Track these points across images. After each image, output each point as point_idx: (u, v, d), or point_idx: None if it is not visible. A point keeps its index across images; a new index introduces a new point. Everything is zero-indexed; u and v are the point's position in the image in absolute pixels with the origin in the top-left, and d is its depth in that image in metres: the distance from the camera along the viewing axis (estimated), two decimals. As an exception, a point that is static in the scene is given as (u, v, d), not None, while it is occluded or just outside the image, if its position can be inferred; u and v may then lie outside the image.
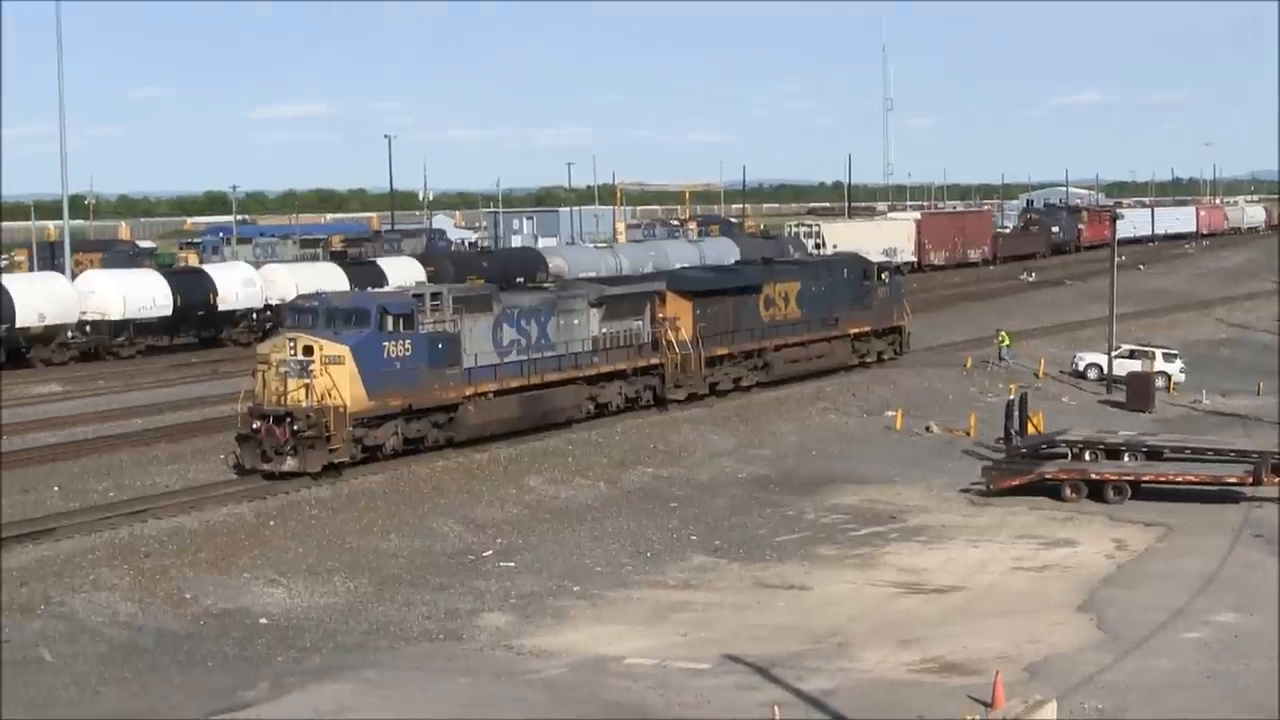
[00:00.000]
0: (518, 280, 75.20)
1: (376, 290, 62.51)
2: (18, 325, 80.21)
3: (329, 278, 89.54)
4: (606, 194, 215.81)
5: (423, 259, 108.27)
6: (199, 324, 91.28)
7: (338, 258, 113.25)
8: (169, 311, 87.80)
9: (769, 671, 33.93)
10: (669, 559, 45.77)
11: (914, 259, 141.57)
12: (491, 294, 57.47)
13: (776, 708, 28.99)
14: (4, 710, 31.83)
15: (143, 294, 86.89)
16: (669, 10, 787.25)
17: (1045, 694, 30.32)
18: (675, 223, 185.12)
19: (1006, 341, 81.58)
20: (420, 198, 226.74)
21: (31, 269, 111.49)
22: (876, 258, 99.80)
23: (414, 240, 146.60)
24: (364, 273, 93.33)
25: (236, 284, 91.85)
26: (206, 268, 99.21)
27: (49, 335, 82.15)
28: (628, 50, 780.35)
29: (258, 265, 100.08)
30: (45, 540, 42.16)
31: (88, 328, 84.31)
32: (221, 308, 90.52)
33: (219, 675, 34.59)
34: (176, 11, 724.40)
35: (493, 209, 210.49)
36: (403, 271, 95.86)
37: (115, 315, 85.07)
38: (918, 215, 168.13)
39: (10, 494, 47.55)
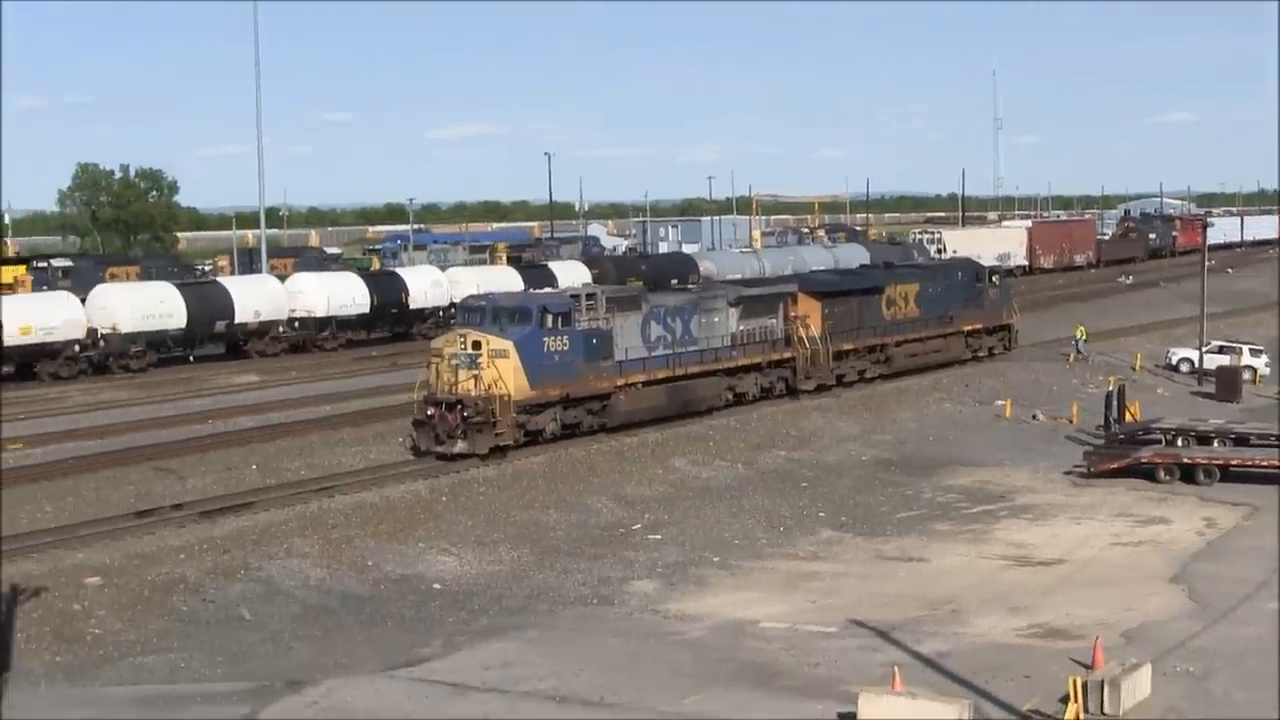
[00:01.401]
0: (671, 282, 75.34)
1: (537, 291, 62.83)
2: (237, 321, 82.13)
3: (506, 280, 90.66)
4: (743, 205, 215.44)
5: (588, 262, 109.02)
6: (392, 321, 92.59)
7: (514, 262, 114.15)
8: (366, 309, 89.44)
9: (890, 635, 33.82)
10: (799, 533, 45.70)
11: (1025, 263, 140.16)
12: (640, 295, 57.64)
13: (896, 667, 28.88)
14: (203, 664, 32.37)
15: (344, 294, 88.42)
16: (797, 38, 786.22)
17: (1141, 657, 30.09)
18: (805, 230, 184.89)
19: (1085, 336, 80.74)
20: (576, 208, 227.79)
21: (232, 273, 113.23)
22: (991, 262, 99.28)
23: (571, 246, 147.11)
24: (536, 275, 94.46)
25: (426, 285, 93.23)
26: (399, 271, 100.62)
27: (263, 330, 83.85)
28: (763, 75, 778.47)
29: (443, 269, 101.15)
30: (245, 513, 42.75)
31: (296, 323, 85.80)
32: (412, 306, 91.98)
33: (397, 634, 34.97)
34: (363, 45, 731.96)
35: (642, 218, 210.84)
36: (570, 274, 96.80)
37: (320, 313, 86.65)
38: (1029, 223, 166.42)
39: (214, 471, 48.33)
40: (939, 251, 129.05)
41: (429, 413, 49.93)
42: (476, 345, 50.05)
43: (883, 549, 43.58)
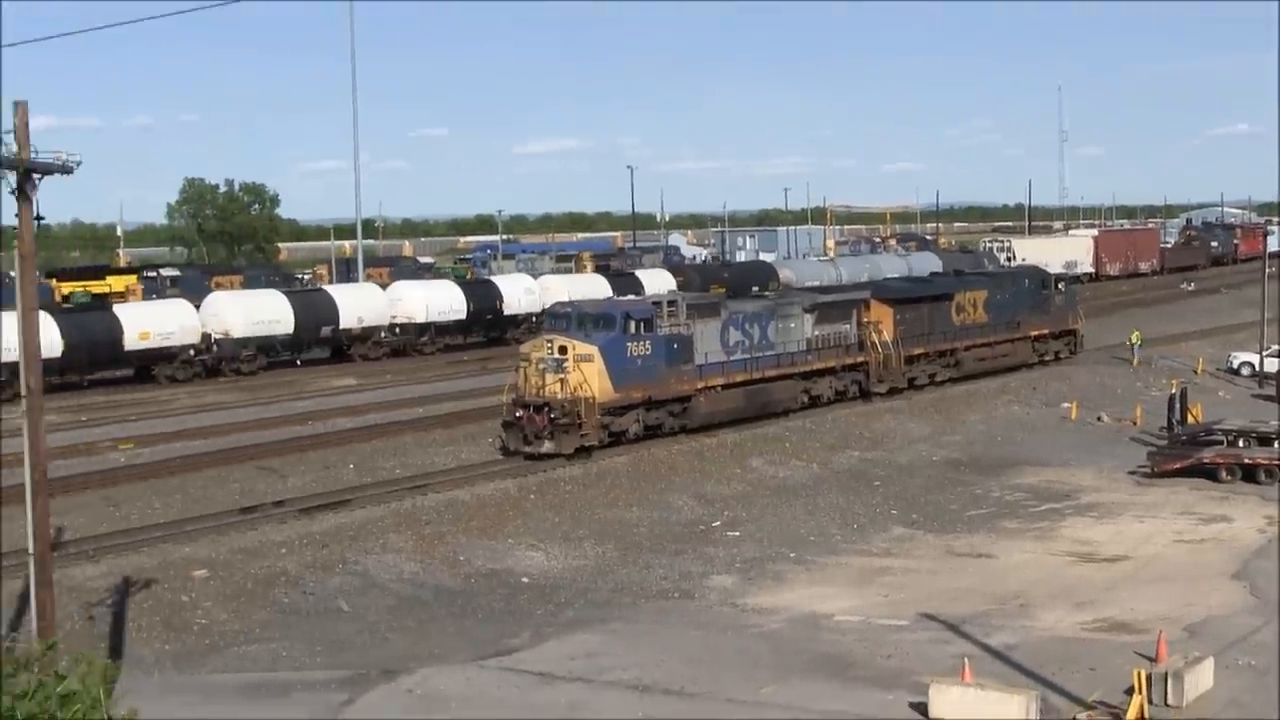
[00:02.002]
0: (752, 289, 75.29)
1: (620, 298, 62.99)
2: (341, 326, 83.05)
3: (595, 287, 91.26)
4: (818, 215, 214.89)
5: (673, 270, 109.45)
6: (487, 326, 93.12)
7: (601, 270, 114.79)
8: (463, 316, 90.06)
9: (959, 628, 33.63)
10: (872, 530, 45.53)
11: (1092, 270, 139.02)
12: (719, 301, 57.68)
13: (966, 659, 28.74)
14: (303, 653, 32.57)
15: (442, 301, 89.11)
16: (870, 55, 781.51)
17: (1203, 651, 29.78)
18: (877, 240, 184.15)
19: (1140, 342, 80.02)
20: (658, 219, 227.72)
21: (331, 282, 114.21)
22: (1059, 269, 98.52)
23: (653, 255, 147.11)
24: (624, 282, 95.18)
25: (519, 292, 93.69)
26: (494, 278, 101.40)
27: (366, 335, 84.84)
28: (838, 91, 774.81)
29: (535, 277, 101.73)
30: (343, 510, 43.04)
31: (397, 329, 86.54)
32: (506, 312, 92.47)
33: (487, 625, 35.08)
34: (454, 64, 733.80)
35: (720, 228, 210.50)
36: (656, 281, 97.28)
37: (419, 319, 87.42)
38: (1095, 232, 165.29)
39: (314, 470, 48.72)
40: (1009, 259, 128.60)
41: (517, 414, 50.11)
42: (563, 350, 50.19)
43: (953, 545, 43.35)
